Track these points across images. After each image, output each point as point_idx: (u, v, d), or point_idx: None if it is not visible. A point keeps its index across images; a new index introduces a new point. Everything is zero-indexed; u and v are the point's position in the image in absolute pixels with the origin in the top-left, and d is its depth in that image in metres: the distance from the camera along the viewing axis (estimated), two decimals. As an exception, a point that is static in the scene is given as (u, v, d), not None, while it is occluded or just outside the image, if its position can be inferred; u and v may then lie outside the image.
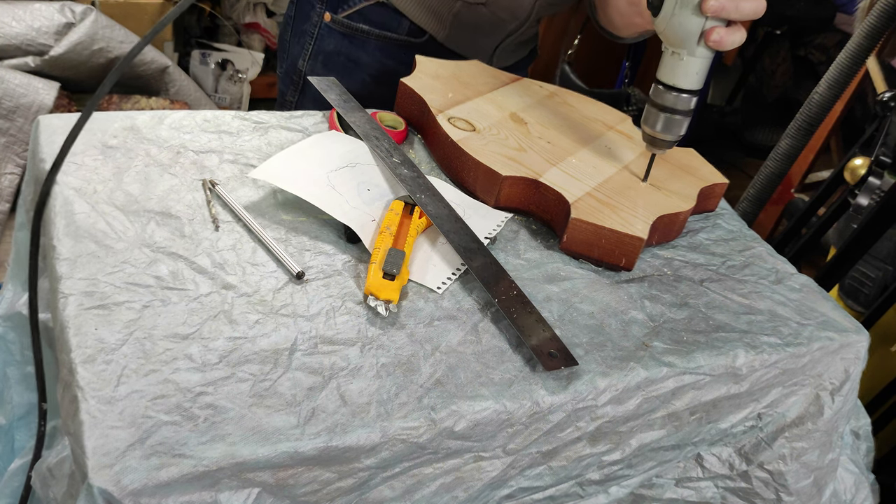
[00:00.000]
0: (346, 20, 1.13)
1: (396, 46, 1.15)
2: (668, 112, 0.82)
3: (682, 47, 0.79)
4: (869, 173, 1.35)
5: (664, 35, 0.80)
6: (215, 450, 0.54)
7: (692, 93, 0.81)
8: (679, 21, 0.77)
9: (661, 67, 0.81)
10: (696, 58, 0.79)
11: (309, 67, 1.19)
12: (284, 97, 1.25)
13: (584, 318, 0.75)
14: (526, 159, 0.88)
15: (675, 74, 0.80)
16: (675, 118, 0.83)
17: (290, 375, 0.61)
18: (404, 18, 1.12)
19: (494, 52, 1.19)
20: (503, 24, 1.14)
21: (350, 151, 0.87)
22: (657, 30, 0.80)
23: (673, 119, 0.83)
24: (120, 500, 0.50)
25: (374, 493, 0.62)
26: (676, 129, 0.84)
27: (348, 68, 1.17)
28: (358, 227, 0.76)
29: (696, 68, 0.80)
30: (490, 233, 0.82)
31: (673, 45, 0.79)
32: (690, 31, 0.77)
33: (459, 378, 0.65)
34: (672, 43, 0.79)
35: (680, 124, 0.83)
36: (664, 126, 0.83)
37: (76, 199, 0.73)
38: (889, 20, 1.35)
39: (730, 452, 0.83)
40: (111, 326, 0.61)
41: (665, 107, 0.82)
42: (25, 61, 1.99)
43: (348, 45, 1.15)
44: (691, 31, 0.77)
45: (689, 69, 0.80)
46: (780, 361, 0.77)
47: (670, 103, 0.82)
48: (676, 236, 0.91)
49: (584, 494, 0.76)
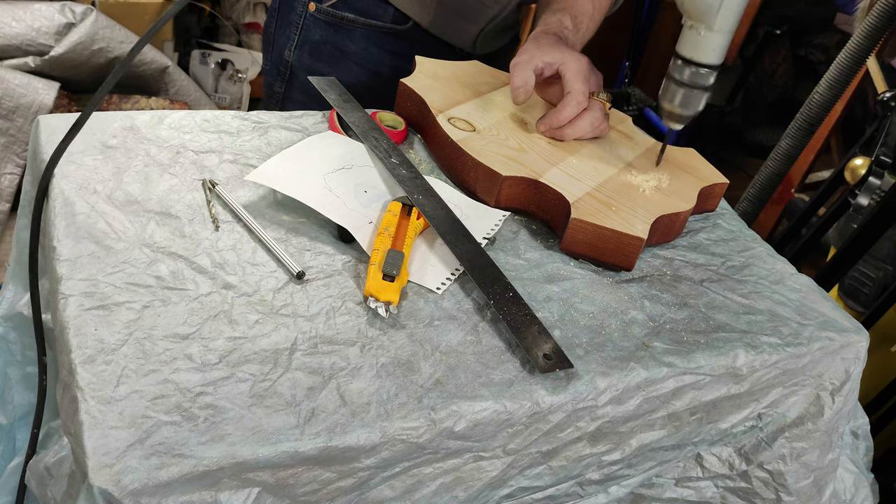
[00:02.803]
0: (330, 9, 1.15)
1: (382, 34, 1.16)
2: (687, 87, 0.82)
3: (701, 21, 0.78)
4: (869, 173, 1.35)
5: (684, 8, 0.79)
6: (215, 450, 0.54)
7: (712, 68, 0.80)
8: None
9: (681, 41, 0.81)
10: (715, 32, 0.78)
11: (296, 57, 1.20)
12: (272, 88, 1.26)
13: (584, 319, 0.75)
14: (526, 159, 0.88)
15: (694, 49, 0.80)
16: (694, 93, 0.82)
17: (290, 375, 0.61)
18: (389, 6, 1.14)
19: (478, 37, 1.20)
20: (486, 9, 1.16)
21: (347, 153, 0.87)
22: (677, 3, 0.79)
23: (692, 94, 0.82)
24: (120, 500, 0.51)
25: (374, 493, 0.62)
26: (695, 104, 0.83)
27: (335, 57, 1.18)
28: (355, 229, 0.76)
29: (716, 43, 0.79)
30: (488, 233, 0.82)
31: (693, 18, 0.78)
32: (710, 4, 0.76)
33: (459, 378, 0.65)
34: (692, 16, 0.78)
35: (698, 99, 0.82)
36: (682, 101, 0.83)
37: (76, 199, 0.73)
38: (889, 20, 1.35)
39: (730, 452, 0.83)
40: (111, 327, 0.61)
41: (683, 82, 0.82)
42: (25, 61, 1.99)
43: (334, 35, 1.17)
44: (711, 4, 0.76)
45: (709, 43, 0.79)
46: (781, 361, 0.77)
47: (689, 78, 0.81)
48: (676, 236, 0.91)
49: (584, 494, 0.76)
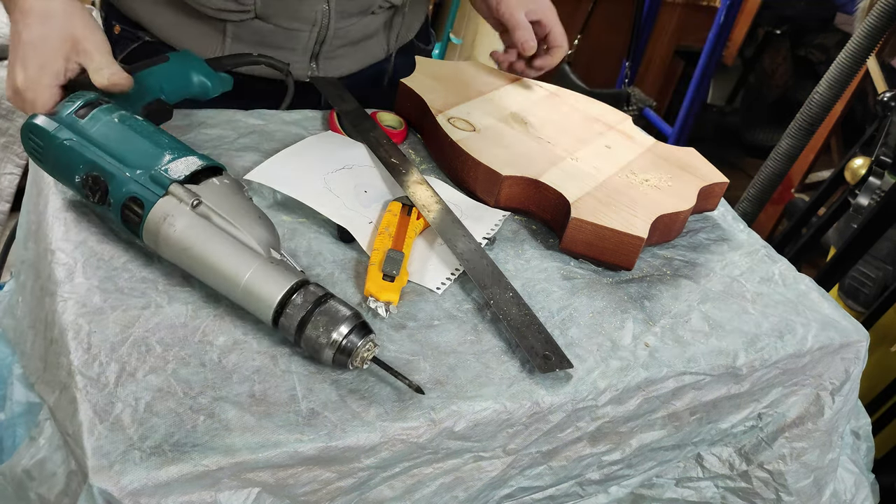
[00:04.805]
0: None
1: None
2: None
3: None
4: (869, 173, 1.35)
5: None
6: (215, 450, 0.54)
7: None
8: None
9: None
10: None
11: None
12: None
13: (584, 318, 0.75)
14: (526, 159, 0.88)
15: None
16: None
17: (290, 375, 0.61)
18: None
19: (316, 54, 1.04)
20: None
21: (347, 153, 0.87)
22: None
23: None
24: (120, 500, 0.50)
25: (374, 493, 0.62)
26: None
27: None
28: (354, 229, 0.76)
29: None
30: (488, 233, 0.82)
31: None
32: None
33: (459, 378, 0.65)
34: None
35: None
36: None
37: (74, 200, 0.73)
38: (889, 20, 1.35)
39: (730, 452, 0.83)
40: (110, 328, 0.61)
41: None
42: (25, 61, 1.99)
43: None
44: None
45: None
46: (781, 361, 0.77)
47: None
48: (676, 236, 0.91)
49: (584, 494, 0.76)
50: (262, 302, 0.62)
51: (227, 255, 0.63)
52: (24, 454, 0.59)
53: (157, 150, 0.67)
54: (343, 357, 0.61)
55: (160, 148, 0.68)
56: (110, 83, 0.72)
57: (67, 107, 0.70)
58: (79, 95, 0.71)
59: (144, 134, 0.69)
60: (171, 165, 0.66)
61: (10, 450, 0.70)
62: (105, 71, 0.72)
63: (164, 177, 0.65)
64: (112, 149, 0.67)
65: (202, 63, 0.85)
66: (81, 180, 0.68)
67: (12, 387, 0.68)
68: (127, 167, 0.66)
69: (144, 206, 0.64)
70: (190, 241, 0.63)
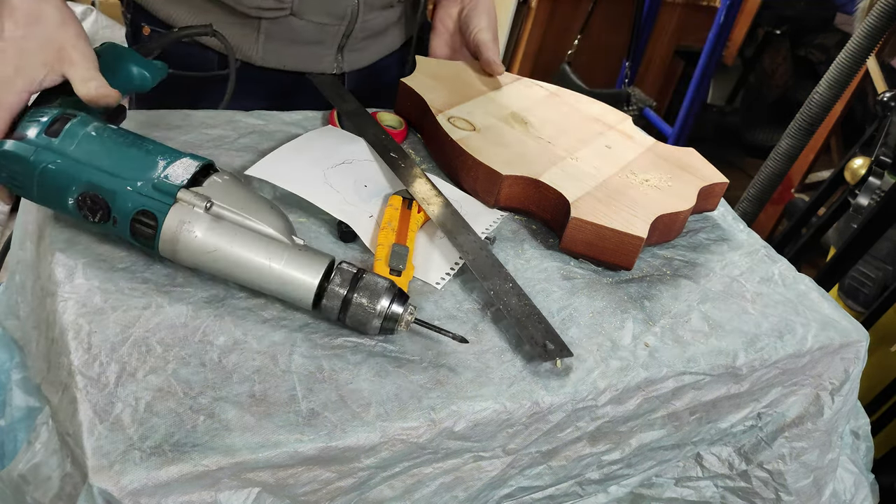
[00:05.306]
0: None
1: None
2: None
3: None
4: (869, 173, 1.35)
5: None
6: (215, 450, 0.54)
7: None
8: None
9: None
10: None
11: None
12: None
13: (584, 318, 0.75)
14: (526, 159, 0.88)
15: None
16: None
17: (290, 375, 0.61)
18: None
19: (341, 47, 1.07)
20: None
21: (347, 148, 0.87)
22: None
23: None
24: (120, 500, 0.51)
25: (373, 493, 0.62)
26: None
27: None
28: (355, 224, 0.76)
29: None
30: (485, 230, 0.82)
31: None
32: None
33: (459, 378, 0.65)
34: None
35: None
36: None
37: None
38: (889, 20, 1.35)
39: (729, 452, 0.83)
40: (111, 328, 0.61)
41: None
42: (25, 61, 1.99)
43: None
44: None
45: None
46: (780, 361, 0.77)
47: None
48: (676, 236, 0.91)
49: (584, 494, 0.76)
50: (301, 288, 0.63)
51: (256, 249, 0.63)
52: (21, 459, 0.59)
53: (148, 158, 0.64)
54: (390, 324, 0.64)
55: (151, 155, 0.65)
56: (98, 95, 0.68)
57: (32, 126, 0.65)
58: (39, 112, 0.66)
59: (128, 143, 0.65)
60: (168, 171, 0.64)
61: (11, 455, 0.70)
62: (92, 83, 0.68)
63: (168, 184, 0.63)
64: (103, 164, 0.63)
65: (133, 52, 0.78)
66: (76, 202, 0.64)
67: (12, 392, 0.68)
68: (126, 181, 0.63)
69: (157, 218, 0.63)
70: (214, 244, 0.63)
